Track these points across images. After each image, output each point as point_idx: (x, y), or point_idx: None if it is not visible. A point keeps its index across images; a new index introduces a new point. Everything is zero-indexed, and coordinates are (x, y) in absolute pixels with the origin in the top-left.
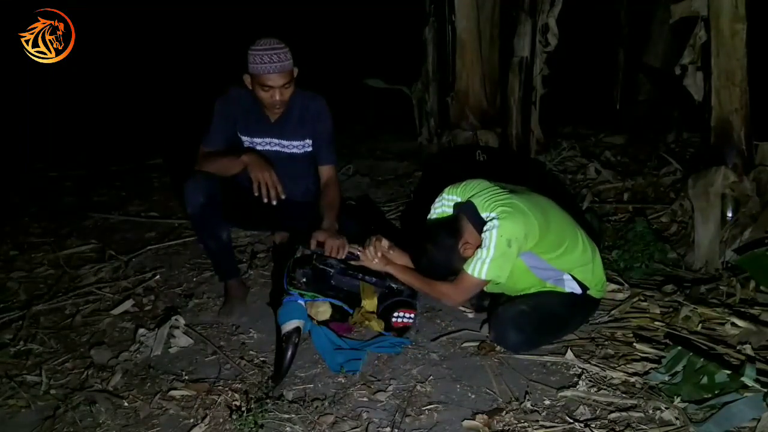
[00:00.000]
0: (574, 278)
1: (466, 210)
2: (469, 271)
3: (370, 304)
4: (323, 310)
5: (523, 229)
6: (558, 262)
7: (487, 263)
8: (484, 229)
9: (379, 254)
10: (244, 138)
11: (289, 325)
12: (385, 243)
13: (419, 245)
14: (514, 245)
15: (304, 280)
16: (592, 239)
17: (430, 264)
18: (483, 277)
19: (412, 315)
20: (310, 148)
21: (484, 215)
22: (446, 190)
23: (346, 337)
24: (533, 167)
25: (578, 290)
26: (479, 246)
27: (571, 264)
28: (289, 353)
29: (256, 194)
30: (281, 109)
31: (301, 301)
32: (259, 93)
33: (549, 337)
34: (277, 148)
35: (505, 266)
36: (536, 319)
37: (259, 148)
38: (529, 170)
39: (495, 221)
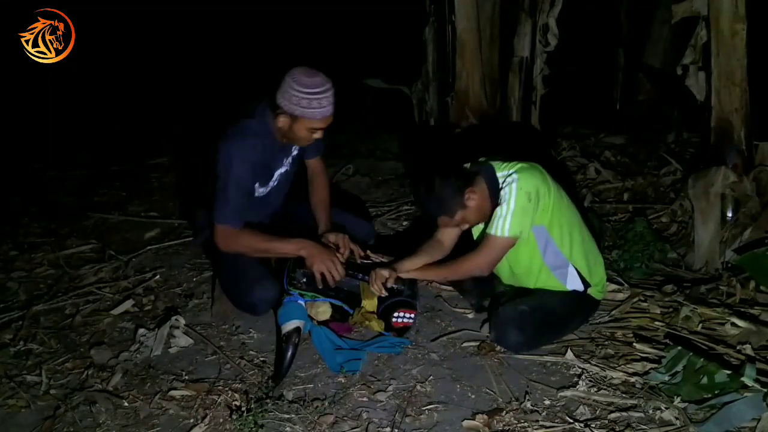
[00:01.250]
0: (578, 272)
1: (485, 170)
2: (493, 232)
3: (370, 304)
4: (323, 310)
5: (542, 183)
6: (566, 248)
7: (509, 218)
8: (503, 185)
9: (389, 284)
10: (260, 187)
11: (289, 325)
12: (384, 273)
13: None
14: (533, 199)
15: (304, 280)
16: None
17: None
18: (507, 233)
19: (413, 315)
20: (297, 149)
21: (500, 174)
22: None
23: (346, 337)
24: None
25: (580, 287)
26: (491, 206)
27: (577, 254)
28: (289, 353)
29: (320, 287)
30: None
31: (301, 301)
32: (300, 133)
33: (550, 337)
34: (286, 168)
35: (525, 221)
36: (537, 319)
37: (273, 184)
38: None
39: (514, 176)
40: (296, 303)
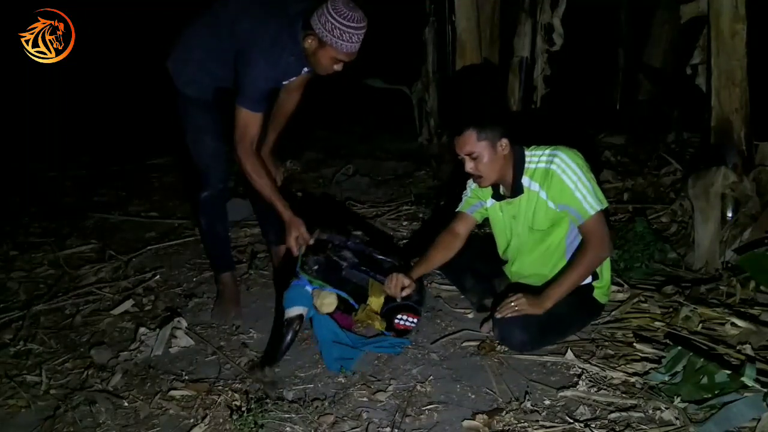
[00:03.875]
0: None
1: (515, 150)
2: (591, 212)
3: (376, 302)
4: (329, 302)
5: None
6: None
7: (594, 192)
8: (549, 168)
9: (405, 293)
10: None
11: (292, 311)
12: (405, 281)
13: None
14: (587, 163)
15: (316, 267)
16: None
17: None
18: (600, 204)
19: (416, 320)
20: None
21: (530, 153)
22: None
23: (348, 330)
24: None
25: (588, 279)
26: (507, 175)
27: None
28: (288, 338)
29: (294, 251)
30: None
31: (308, 288)
32: (323, 60)
33: (553, 338)
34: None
35: (599, 187)
36: (542, 319)
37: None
38: None
39: (559, 157)
40: (304, 288)
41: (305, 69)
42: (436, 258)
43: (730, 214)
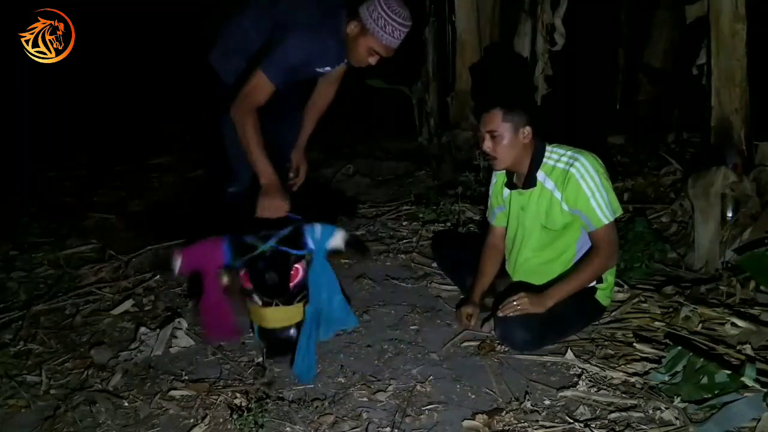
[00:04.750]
0: None
1: (537, 145)
2: (605, 222)
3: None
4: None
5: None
6: None
7: (608, 201)
8: (569, 171)
9: (473, 321)
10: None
11: None
12: (468, 311)
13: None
14: (607, 173)
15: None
16: None
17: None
18: (617, 212)
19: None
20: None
21: (548, 155)
22: None
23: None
24: None
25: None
26: (524, 164)
27: None
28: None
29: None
30: None
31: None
32: (361, 48)
33: (554, 337)
34: (325, 70)
35: (614, 195)
36: (543, 318)
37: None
38: None
39: (580, 161)
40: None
41: (343, 61)
42: (489, 270)
43: (730, 214)
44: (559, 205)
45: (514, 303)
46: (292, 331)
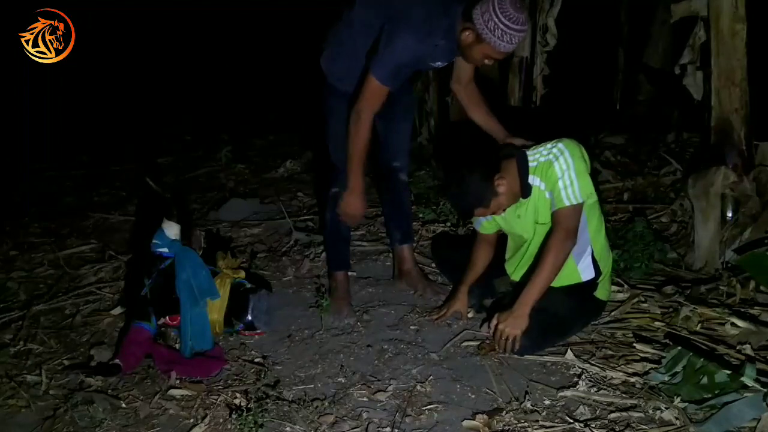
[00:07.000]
0: (594, 257)
1: (518, 155)
2: (566, 203)
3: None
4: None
5: (584, 149)
6: (592, 226)
7: (576, 182)
8: (549, 159)
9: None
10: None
11: None
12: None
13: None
14: (587, 160)
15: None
16: None
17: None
18: (579, 198)
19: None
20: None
21: (533, 157)
22: None
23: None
24: None
25: (592, 274)
26: (523, 186)
27: (598, 235)
28: None
29: (342, 218)
30: None
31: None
32: (476, 55)
33: (554, 339)
34: (436, 65)
35: (588, 180)
36: (542, 322)
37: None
38: None
39: (558, 147)
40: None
41: (456, 56)
42: (480, 261)
43: (730, 214)
44: (544, 195)
45: (502, 339)
46: None
